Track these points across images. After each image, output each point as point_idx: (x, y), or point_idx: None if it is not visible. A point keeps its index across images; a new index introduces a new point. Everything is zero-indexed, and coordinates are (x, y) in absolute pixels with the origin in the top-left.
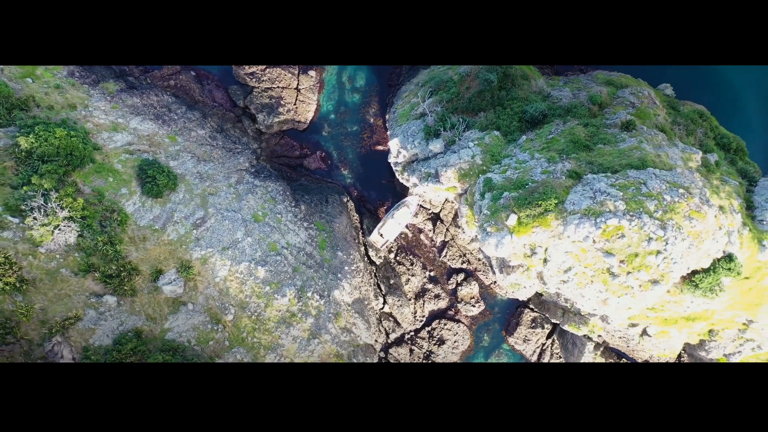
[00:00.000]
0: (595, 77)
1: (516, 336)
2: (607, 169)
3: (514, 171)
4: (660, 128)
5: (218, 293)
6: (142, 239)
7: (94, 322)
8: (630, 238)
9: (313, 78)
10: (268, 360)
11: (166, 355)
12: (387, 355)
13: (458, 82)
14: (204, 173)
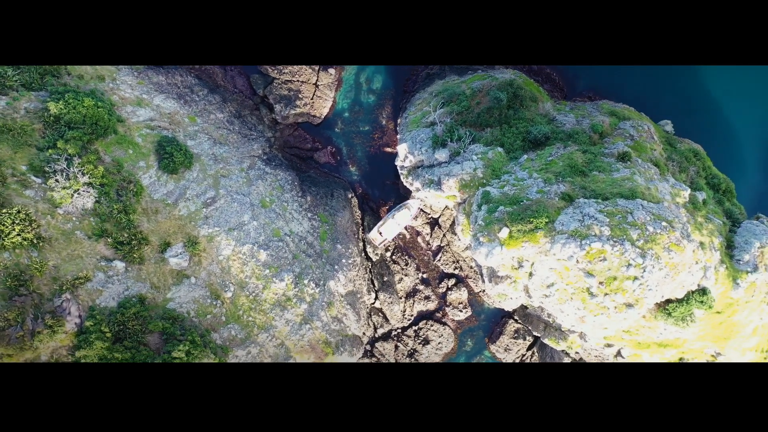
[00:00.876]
0: (601, 107)
1: (498, 344)
2: (599, 195)
3: (511, 187)
4: (654, 162)
5: (220, 271)
6: (154, 211)
7: (102, 284)
8: (611, 262)
9: (332, 76)
10: (259, 340)
11: (166, 323)
12: (373, 348)
13: (470, 96)
14: (218, 155)
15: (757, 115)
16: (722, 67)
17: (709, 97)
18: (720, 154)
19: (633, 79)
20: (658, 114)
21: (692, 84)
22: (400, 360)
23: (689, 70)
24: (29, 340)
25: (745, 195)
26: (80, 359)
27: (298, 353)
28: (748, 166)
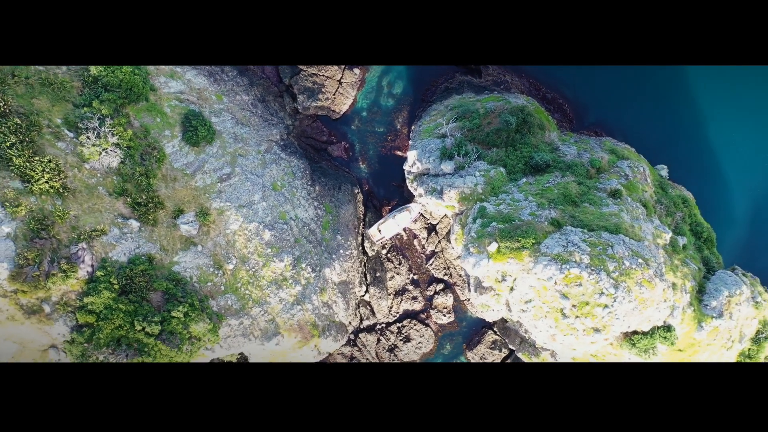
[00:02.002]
0: (603, 143)
1: (474, 352)
2: (586, 226)
3: (507, 206)
4: (643, 203)
5: (225, 243)
6: (172, 179)
7: (116, 239)
8: (585, 288)
9: (357, 75)
10: (253, 313)
11: (169, 283)
12: (356, 338)
13: (482, 115)
14: (239, 135)
15: (754, 174)
16: (727, 119)
17: (710, 150)
18: (711, 205)
19: (640, 121)
20: (657, 158)
21: (695, 134)
22: (381, 353)
23: (695, 120)
24: (44, 280)
25: (727, 247)
26: (87, 305)
27: (286, 331)
28: (737, 221)
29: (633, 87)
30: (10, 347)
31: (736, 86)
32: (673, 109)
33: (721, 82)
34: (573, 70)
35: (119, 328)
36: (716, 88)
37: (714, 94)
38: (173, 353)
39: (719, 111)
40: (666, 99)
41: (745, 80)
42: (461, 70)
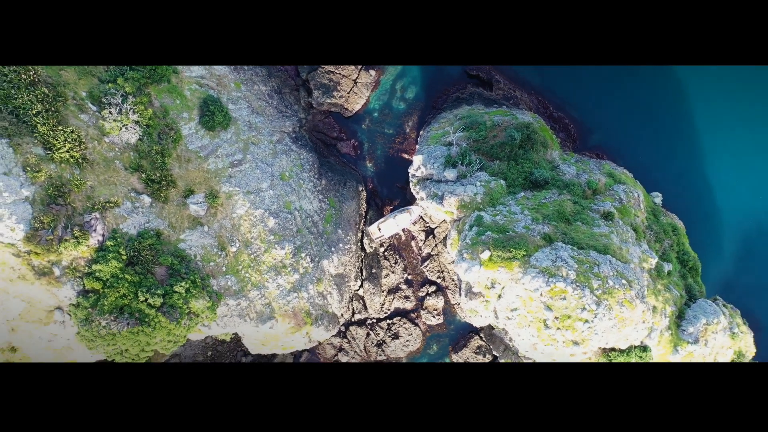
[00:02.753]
0: (603, 166)
1: (459, 355)
2: (576, 243)
3: (503, 217)
4: (634, 228)
5: (231, 226)
6: (186, 160)
7: (128, 212)
8: (569, 302)
9: (372, 77)
10: (250, 295)
11: (174, 259)
12: (347, 330)
13: (489, 127)
14: (253, 124)
15: (748, 213)
16: (727, 158)
17: (706, 184)
18: (701, 236)
19: (641, 148)
20: (654, 186)
21: (694, 167)
22: (369, 347)
23: (695, 154)
24: (56, 244)
25: (712, 278)
26: (95, 272)
27: (281, 316)
28: (725, 255)
29: (639, 115)
30: (18, 305)
31: (736, 129)
32: (675, 141)
33: (728, 120)
34: (582, 92)
35: (123, 297)
36: (721, 128)
37: (717, 136)
38: (172, 326)
39: (720, 150)
40: (669, 131)
41: (752, 124)
42: (473, 82)
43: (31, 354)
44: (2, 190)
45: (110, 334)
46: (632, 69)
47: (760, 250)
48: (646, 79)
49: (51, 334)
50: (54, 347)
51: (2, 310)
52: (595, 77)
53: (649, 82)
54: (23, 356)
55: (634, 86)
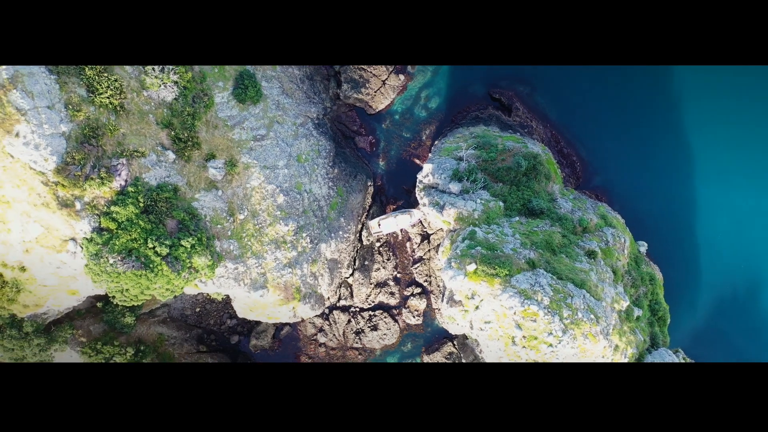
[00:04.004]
0: (598, 208)
1: (431, 357)
2: (556, 273)
3: (494, 236)
4: (614, 270)
5: (243, 195)
6: (214, 126)
7: (152, 164)
8: (538, 325)
9: (401, 81)
10: (249, 262)
11: (186, 215)
12: (331, 313)
13: (499, 150)
14: (281, 104)
15: (728, 276)
16: (718, 221)
17: (693, 243)
18: (677, 290)
19: (639, 197)
20: (642, 235)
21: (684, 225)
22: (348, 333)
23: (688, 212)
24: (82, 181)
25: (680, 331)
26: (112, 212)
27: (273, 287)
28: (697, 312)
29: (644, 167)
30: (36, 229)
31: (735, 199)
32: (672, 198)
33: (729, 188)
34: (596, 134)
35: (134, 241)
36: (721, 193)
37: (715, 202)
38: (172, 276)
39: (715, 214)
40: (669, 187)
41: (751, 194)
42: (494, 105)
43: (37, 276)
44: (43, 121)
45: (116, 272)
46: (648, 123)
47: (731, 314)
48: (657, 135)
49: (61, 261)
50: (60, 274)
51: (21, 230)
52: (611, 123)
53: (661, 138)
54: (30, 277)
55: (646, 140)
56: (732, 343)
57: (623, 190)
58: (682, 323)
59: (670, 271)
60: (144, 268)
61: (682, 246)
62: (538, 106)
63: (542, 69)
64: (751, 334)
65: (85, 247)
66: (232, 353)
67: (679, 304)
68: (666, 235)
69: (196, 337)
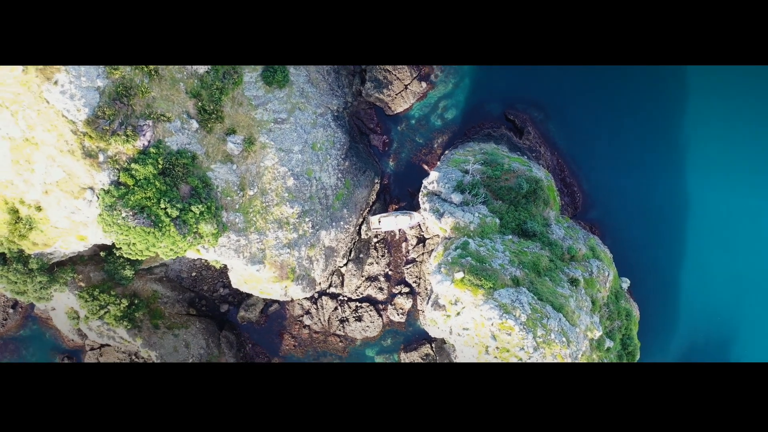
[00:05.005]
0: (589, 239)
1: (407, 356)
2: (537, 294)
3: (486, 250)
4: (593, 300)
5: (256, 172)
6: (239, 103)
7: (176, 130)
8: (512, 339)
9: (422, 88)
10: (251, 237)
11: (200, 182)
12: (319, 298)
13: (505, 170)
14: (305, 92)
15: (704, 326)
16: (707, 269)
17: (676, 286)
18: (652, 329)
19: (632, 236)
20: (628, 271)
21: (670, 269)
22: (332, 320)
23: (672, 256)
24: (109, 135)
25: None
26: (132, 169)
27: (269, 264)
28: (668, 355)
29: (641, 208)
30: (59, 173)
31: (721, 257)
32: (663, 241)
33: (721, 239)
34: (600, 169)
35: (147, 199)
36: (712, 244)
37: (702, 255)
38: (178, 238)
39: (704, 265)
40: (661, 232)
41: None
42: (507, 125)
43: (51, 218)
44: (82, 74)
45: (126, 225)
46: (653, 171)
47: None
48: (660, 182)
49: (76, 207)
50: (73, 219)
51: (44, 173)
52: (617, 162)
53: (662, 186)
54: (44, 217)
55: (648, 185)
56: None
57: (617, 227)
58: (649, 361)
59: (649, 312)
60: (153, 226)
61: (664, 290)
62: (550, 133)
63: (559, 98)
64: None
65: (102, 198)
66: (220, 321)
67: (651, 343)
68: (650, 277)
69: (188, 299)
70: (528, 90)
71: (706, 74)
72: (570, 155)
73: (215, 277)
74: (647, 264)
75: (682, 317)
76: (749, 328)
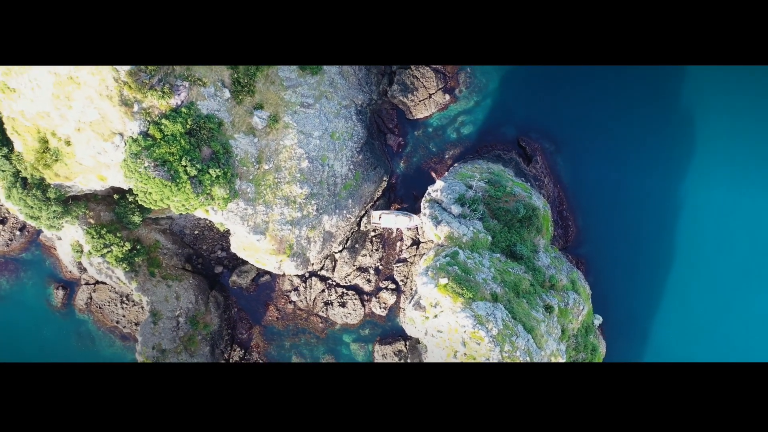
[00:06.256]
0: (572, 272)
1: (381, 349)
2: (513, 313)
3: (473, 263)
4: (563, 329)
5: (274, 149)
6: (271, 81)
7: (209, 95)
8: (480, 349)
9: (445, 100)
10: (258, 208)
11: (222, 148)
12: (309, 278)
13: (506, 192)
14: (335, 82)
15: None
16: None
17: (645, 334)
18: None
19: (615, 277)
20: (602, 309)
21: (643, 317)
22: (318, 300)
23: (652, 308)
24: (146, 89)
25: None
26: (162, 124)
27: (270, 236)
28: None
29: (629, 255)
30: (94, 115)
31: (704, 315)
32: (642, 291)
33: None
34: (597, 210)
35: (170, 155)
36: (693, 293)
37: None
38: (192, 196)
39: (679, 315)
40: (644, 284)
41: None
42: (518, 151)
43: (77, 154)
44: None
45: (147, 175)
46: (648, 225)
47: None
48: (653, 237)
49: (103, 149)
50: (98, 159)
51: (81, 111)
52: (616, 207)
53: (654, 241)
54: (71, 152)
55: (640, 234)
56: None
57: (602, 267)
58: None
59: (615, 352)
60: (171, 181)
61: (634, 335)
62: (557, 166)
63: (573, 136)
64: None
65: (129, 145)
66: (212, 281)
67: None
68: (624, 321)
69: (186, 255)
70: (545, 121)
71: (707, 122)
72: (572, 191)
73: (216, 239)
74: (623, 309)
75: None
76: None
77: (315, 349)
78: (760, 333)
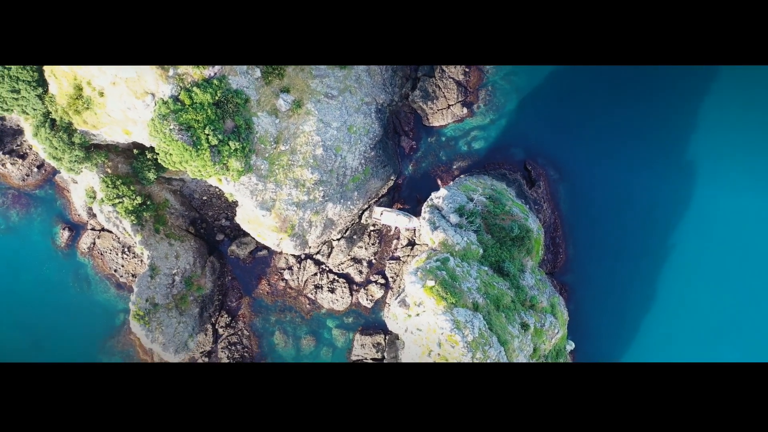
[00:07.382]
0: (553, 297)
1: (362, 339)
2: (490, 324)
3: (461, 271)
4: (535, 348)
5: (293, 132)
6: (301, 68)
7: (241, 72)
8: (454, 351)
9: (463, 113)
10: (268, 186)
11: (244, 123)
12: (304, 260)
13: (504, 210)
14: (361, 79)
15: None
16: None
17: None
18: None
19: (593, 312)
20: (578, 337)
21: (607, 341)
22: (308, 283)
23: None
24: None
25: None
26: (192, 92)
27: (275, 213)
28: None
29: (613, 295)
30: (131, 72)
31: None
32: (616, 328)
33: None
34: (591, 244)
35: (196, 122)
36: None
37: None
38: (209, 163)
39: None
40: (619, 324)
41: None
42: (523, 173)
43: (108, 106)
44: None
45: (171, 137)
46: (640, 264)
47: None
48: (642, 276)
49: (134, 105)
50: (127, 114)
51: (119, 67)
52: (609, 243)
53: (643, 280)
54: (102, 103)
55: (628, 274)
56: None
57: (585, 298)
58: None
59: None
60: (192, 146)
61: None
62: (558, 194)
63: (578, 169)
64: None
65: (158, 106)
66: (211, 247)
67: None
68: (595, 352)
69: (191, 218)
70: (554, 150)
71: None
72: (568, 220)
73: (222, 207)
74: (597, 341)
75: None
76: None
77: (298, 328)
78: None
